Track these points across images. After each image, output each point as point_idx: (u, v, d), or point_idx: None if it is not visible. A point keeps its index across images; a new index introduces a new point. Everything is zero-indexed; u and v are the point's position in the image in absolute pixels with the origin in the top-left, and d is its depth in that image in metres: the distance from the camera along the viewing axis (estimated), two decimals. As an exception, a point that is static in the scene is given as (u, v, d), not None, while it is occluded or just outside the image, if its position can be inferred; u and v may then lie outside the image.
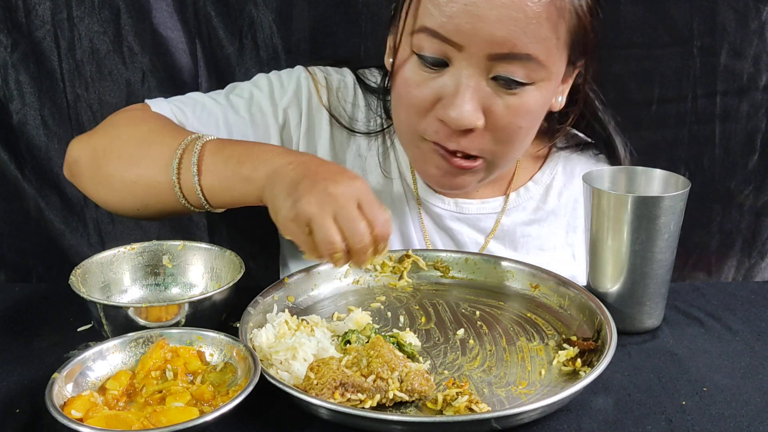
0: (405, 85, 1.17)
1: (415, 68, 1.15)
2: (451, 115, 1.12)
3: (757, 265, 1.72)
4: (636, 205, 1.06)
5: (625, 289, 1.10)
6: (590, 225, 1.11)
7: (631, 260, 1.08)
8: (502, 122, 1.15)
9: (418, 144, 1.21)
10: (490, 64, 1.11)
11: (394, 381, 0.92)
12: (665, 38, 1.58)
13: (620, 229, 1.07)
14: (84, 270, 1.10)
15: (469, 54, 1.10)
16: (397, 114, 1.24)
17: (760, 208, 1.68)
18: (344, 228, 0.98)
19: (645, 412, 0.92)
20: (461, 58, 1.11)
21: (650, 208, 1.06)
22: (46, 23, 1.52)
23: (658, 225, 1.06)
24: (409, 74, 1.16)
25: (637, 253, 1.08)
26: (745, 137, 1.63)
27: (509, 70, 1.11)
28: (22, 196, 1.61)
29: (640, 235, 1.07)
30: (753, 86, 1.60)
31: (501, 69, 1.11)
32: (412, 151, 1.25)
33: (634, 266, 1.09)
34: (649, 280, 1.09)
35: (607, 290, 1.11)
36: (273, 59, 1.59)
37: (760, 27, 1.55)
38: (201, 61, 1.59)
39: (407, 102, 1.18)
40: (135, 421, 0.84)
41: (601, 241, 1.10)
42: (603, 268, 1.11)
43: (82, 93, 1.57)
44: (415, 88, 1.16)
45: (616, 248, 1.09)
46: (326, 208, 0.98)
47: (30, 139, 1.58)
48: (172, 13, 1.55)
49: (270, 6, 1.55)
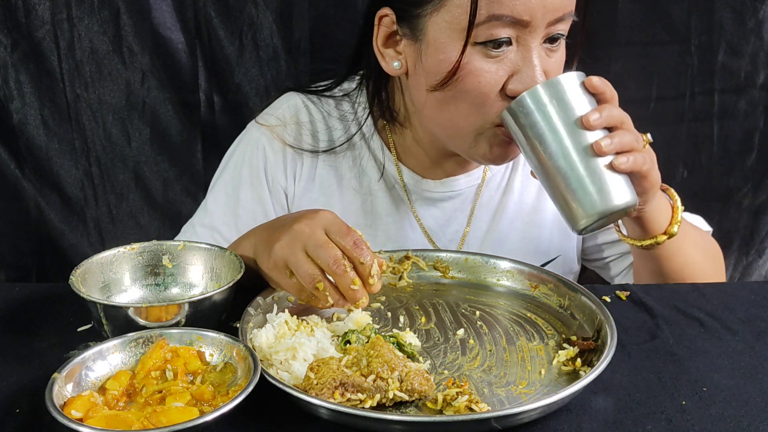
0: (476, 77, 1.17)
1: (482, 58, 1.16)
2: (529, 87, 1.13)
3: (755, 263, 1.73)
4: (535, 97, 1.07)
5: (571, 174, 1.06)
6: (528, 153, 1.10)
7: (557, 153, 1.06)
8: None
9: (481, 132, 1.21)
10: (547, 30, 1.16)
11: (394, 381, 0.92)
12: (663, 36, 1.58)
13: (539, 136, 1.07)
14: (84, 270, 1.10)
15: (534, 26, 1.14)
16: (453, 111, 1.23)
17: (758, 206, 1.69)
18: (315, 257, 1.04)
19: (645, 412, 0.92)
20: (527, 33, 1.15)
21: (548, 95, 1.07)
22: (46, 23, 1.52)
23: (556, 111, 1.06)
24: (478, 65, 1.16)
25: (557, 143, 1.06)
26: (742, 135, 1.64)
27: (560, 28, 1.17)
28: (22, 196, 1.61)
29: (552, 127, 1.06)
30: (750, 84, 1.60)
31: (553, 30, 1.16)
32: (469, 141, 1.24)
33: (562, 156, 1.06)
34: (580, 160, 1.06)
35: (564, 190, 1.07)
36: (273, 59, 1.59)
37: (757, 25, 1.55)
38: (201, 61, 1.59)
39: (478, 92, 1.18)
40: (135, 421, 0.83)
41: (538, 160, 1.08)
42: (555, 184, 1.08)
43: (82, 93, 1.58)
44: (486, 75, 1.17)
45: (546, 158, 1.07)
46: (296, 244, 1.06)
47: (30, 138, 1.58)
48: (172, 13, 1.55)
49: (270, 6, 1.55)
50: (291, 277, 1.07)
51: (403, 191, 1.42)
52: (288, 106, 1.43)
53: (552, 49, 1.19)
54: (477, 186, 1.43)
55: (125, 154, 1.65)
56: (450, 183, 1.41)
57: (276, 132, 1.40)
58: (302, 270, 1.05)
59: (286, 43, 1.58)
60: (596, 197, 1.05)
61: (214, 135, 1.65)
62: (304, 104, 1.43)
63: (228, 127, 1.65)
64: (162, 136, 1.65)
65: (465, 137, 1.24)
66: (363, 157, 1.41)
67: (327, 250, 1.03)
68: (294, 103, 1.43)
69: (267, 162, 1.40)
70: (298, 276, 1.06)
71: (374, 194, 1.42)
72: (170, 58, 1.57)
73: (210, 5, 1.54)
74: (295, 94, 1.44)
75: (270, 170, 1.40)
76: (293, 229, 1.07)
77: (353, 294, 1.04)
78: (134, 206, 1.69)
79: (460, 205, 1.43)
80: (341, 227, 1.06)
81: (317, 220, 1.07)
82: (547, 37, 1.17)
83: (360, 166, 1.42)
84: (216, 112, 1.64)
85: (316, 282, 1.04)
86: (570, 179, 1.06)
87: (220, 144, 1.63)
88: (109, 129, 1.63)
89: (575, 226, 1.08)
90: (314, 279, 1.04)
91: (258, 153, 1.41)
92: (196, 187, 1.71)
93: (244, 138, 1.44)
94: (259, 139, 1.41)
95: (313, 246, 1.04)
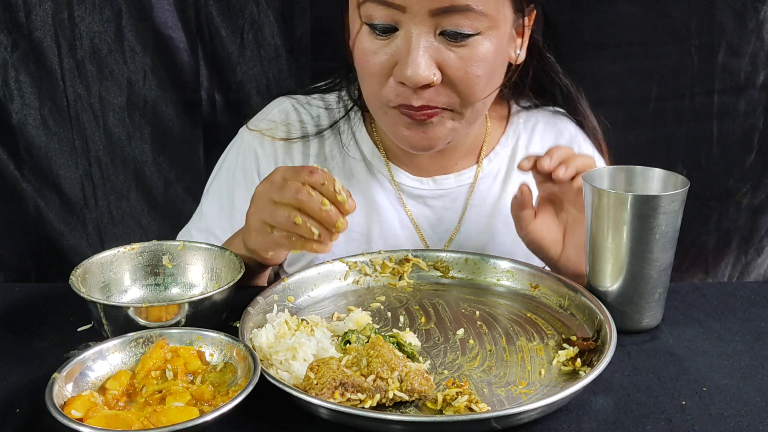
0: (362, 55, 1.22)
1: (368, 38, 1.21)
2: (407, 74, 1.16)
3: (754, 262, 1.73)
4: (635, 203, 1.06)
5: (624, 288, 1.10)
6: (590, 224, 1.12)
7: (630, 259, 1.08)
8: (459, 74, 1.19)
9: (386, 111, 1.25)
10: (435, 21, 1.15)
11: (394, 381, 0.92)
12: (663, 37, 1.58)
13: (620, 228, 1.08)
14: (84, 270, 1.10)
15: (412, 14, 1.15)
16: (363, 86, 1.29)
17: (758, 205, 1.68)
18: (280, 198, 1.07)
19: (645, 412, 0.93)
20: (407, 20, 1.16)
21: (649, 206, 1.06)
22: (47, 23, 1.52)
23: (656, 224, 1.06)
24: (365, 44, 1.21)
25: (635, 252, 1.08)
26: (742, 135, 1.63)
27: (453, 23, 1.16)
28: (21, 196, 1.61)
29: (639, 234, 1.07)
30: (750, 84, 1.60)
31: (445, 23, 1.16)
32: (382, 118, 1.29)
33: (632, 265, 1.09)
34: (647, 279, 1.09)
35: (607, 289, 1.11)
36: (274, 58, 1.59)
37: (757, 26, 1.55)
38: (202, 60, 1.59)
39: (367, 72, 1.23)
40: (135, 421, 0.84)
41: (600, 240, 1.10)
42: (602, 267, 1.11)
43: (83, 93, 1.58)
44: (372, 56, 1.21)
45: (616, 247, 1.09)
46: (262, 201, 1.11)
47: (30, 139, 1.58)
48: (173, 12, 1.55)
49: (271, 5, 1.55)
50: (273, 231, 1.09)
51: (393, 185, 1.42)
52: (279, 110, 1.45)
53: (454, 44, 1.17)
54: (468, 185, 1.43)
55: (126, 153, 1.65)
56: (440, 181, 1.42)
57: (267, 133, 1.43)
58: (277, 216, 1.08)
59: (288, 41, 1.58)
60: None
61: (216, 134, 1.65)
62: (294, 107, 1.45)
63: (230, 126, 1.65)
64: (163, 135, 1.65)
65: (377, 113, 1.29)
66: (350, 149, 1.43)
67: (288, 186, 1.07)
68: (284, 107, 1.46)
69: (260, 166, 1.42)
70: (276, 224, 1.08)
71: (360, 188, 1.43)
72: (171, 57, 1.57)
73: (211, 4, 1.54)
74: (284, 99, 1.47)
75: (263, 174, 1.40)
76: (256, 192, 1.14)
77: (327, 216, 1.05)
78: (135, 206, 1.69)
79: (450, 204, 1.43)
80: (294, 169, 1.10)
81: (271, 175, 1.12)
82: (442, 30, 1.16)
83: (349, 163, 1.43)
84: (217, 110, 1.64)
85: (292, 219, 1.06)
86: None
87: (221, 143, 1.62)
88: (109, 129, 1.63)
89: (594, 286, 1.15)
90: (289, 217, 1.06)
91: (250, 156, 1.43)
92: (197, 187, 1.70)
93: (235, 143, 1.46)
94: (251, 143, 1.43)
95: (276, 191, 1.08)
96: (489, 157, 1.44)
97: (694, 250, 1.70)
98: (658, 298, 1.11)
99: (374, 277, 1.24)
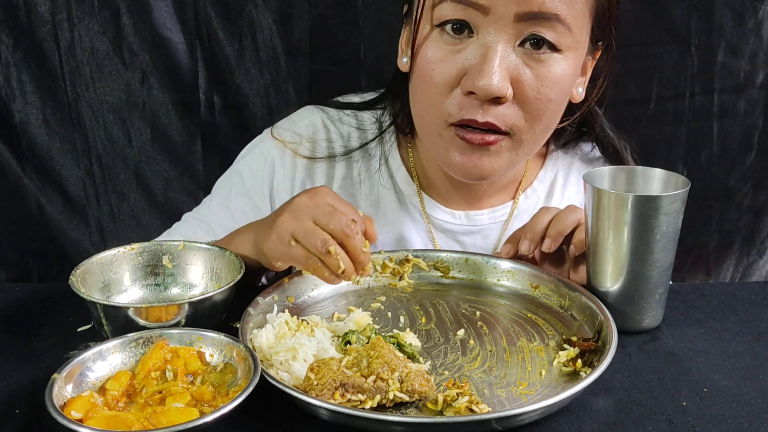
0: (428, 64, 1.13)
1: (437, 44, 1.13)
2: (480, 83, 1.08)
3: (756, 263, 1.73)
4: (636, 204, 1.06)
5: (624, 289, 1.10)
6: (590, 224, 1.12)
7: (630, 260, 1.08)
8: (532, 93, 1.11)
9: (441, 132, 1.17)
10: (518, 27, 1.08)
11: (394, 381, 0.92)
12: (663, 36, 1.58)
13: (620, 229, 1.08)
14: (84, 270, 1.10)
15: (495, 17, 1.07)
16: (418, 102, 1.20)
17: (759, 205, 1.69)
18: (326, 223, 1.03)
19: (645, 413, 0.92)
20: (487, 24, 1.08)
21: (650, 207, 1.06)
22: (47, 23, 1.52)
23: (657, 224, 1.06)
24: (432, 52, 1.13)
25: (636, 252, 1.08)
26: (742, 135, 1.64)
27: (538, 30, 1.08)
28: (23, 195, 1.61)
29: (639, 235, 1.07)
30: (750, 84, 1.60)
31: (531, 29, 1.08)
32: (433, 141, 1.20)
33: (633, 266, 1.09)
34: (648, 280, 1.09)
35: (607, 289, 1.11)
36: (273, 60, 1.59)
37: (756, 25, 1.55)
38: (201, 61, 1.59)
39: (431, 81, 1.14)
40: (135, 421, 0.83)
41: (601, 241, 1.10)
42: (603, 267, 1.11)
43: (83, 93, 1.58)
44: (439, 64, 1.12)
45: (616, 248, 1.09)
46: (302, 215, 1.05)
47: (32, 138, 1.58)
48: (171, 13, 1.55)
49: (270, 7, 1.55)
50: (295, 247, 1.04)
51: (423, 218, 1.36)
52: (307, 124, 1.39)
53: (535, 56, 1.10)
54: (502, 223, 1.37)
55: (126, 153, 1.66)
56: (473, 217, 1.36)
57: (289, 147, 1.37)
58: (312, 237, 1.02)
59: (286, 43, 1.58)
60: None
61: (214, 135, 1.65)
62: (324, 124, 1.39)
63: (228, 128, 1.65)
64: (162, 136, 1.65)
65: (429, 135, 1.21)
66: (381, 174, 1.37)
67: (338, 215, 1.03)
68: (313, 121, 1.39)
69: (274, 179, 1.37)
70: (307, 244, 1.03)
71: (390, 216, 1.37)
72: (170, 58, 1.57)
73: (210, 6, 1.54)
74: (315, 110, 1.40)
75: (277, 186, 1.37)
76: (295, 203, 1.07)
77: (364, 258, 1.03)
78: (135, 206, 1.69)
79: (481, 242, 1.36)
80: (342, 200, 1.07)
81: (320, 194, 1.07)
82: (524, 38, 1.09)
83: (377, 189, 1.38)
84: (216, 112, 1.65)
85: (328, 246, 1.01)
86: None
87: (220, 144, 1.63)
88: (109, 129, 1.63)
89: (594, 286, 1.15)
90: (326, 243, 1.01)
91: (267, 166, 1.37)
92: (196, 187, 1.71)
93: (257, 147, 1.40)
94: (271, 152, 1.37)
95: (323, 214, 1.03)
96: (526, 192, 1.38)
97: (695, 251, 1.70)
98: (658, 299, 1.11)
99: (374, 277, 1.24)
